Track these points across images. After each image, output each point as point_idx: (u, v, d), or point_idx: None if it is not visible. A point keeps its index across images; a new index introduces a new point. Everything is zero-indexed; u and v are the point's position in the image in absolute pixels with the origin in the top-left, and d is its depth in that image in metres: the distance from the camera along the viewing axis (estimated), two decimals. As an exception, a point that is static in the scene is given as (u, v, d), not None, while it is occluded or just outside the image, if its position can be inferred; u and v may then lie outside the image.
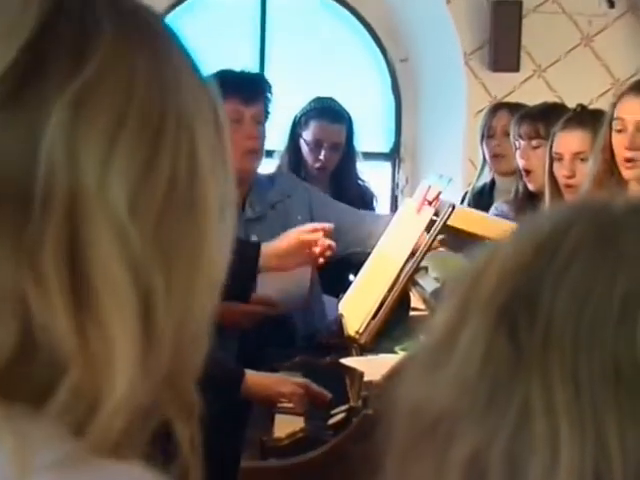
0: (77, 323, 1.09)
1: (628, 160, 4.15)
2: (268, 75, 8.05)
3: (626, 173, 4.16)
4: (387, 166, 8.37)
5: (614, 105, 4.28)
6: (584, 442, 0.96)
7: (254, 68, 8.06)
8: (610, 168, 4.21)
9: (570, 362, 0.99)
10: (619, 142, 4.17)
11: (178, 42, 1.20)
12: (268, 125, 5.03)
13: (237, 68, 5.14)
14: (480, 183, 6.31)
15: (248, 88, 4.92)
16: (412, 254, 4.46)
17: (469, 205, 6.06)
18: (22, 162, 1.08)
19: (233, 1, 8.23)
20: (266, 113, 4.99)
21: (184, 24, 7.72)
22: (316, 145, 5.93)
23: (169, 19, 7.83)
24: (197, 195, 1.17)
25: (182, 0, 8.04)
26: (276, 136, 6.29)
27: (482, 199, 6.06)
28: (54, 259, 1.07)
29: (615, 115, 4.21)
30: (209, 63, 1.20)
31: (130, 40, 1.15)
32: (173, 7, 7.92)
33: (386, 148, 8.41)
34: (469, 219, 4.76)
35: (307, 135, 5.94)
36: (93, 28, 1.13)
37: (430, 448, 1.03)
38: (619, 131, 4.17)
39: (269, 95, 5.03)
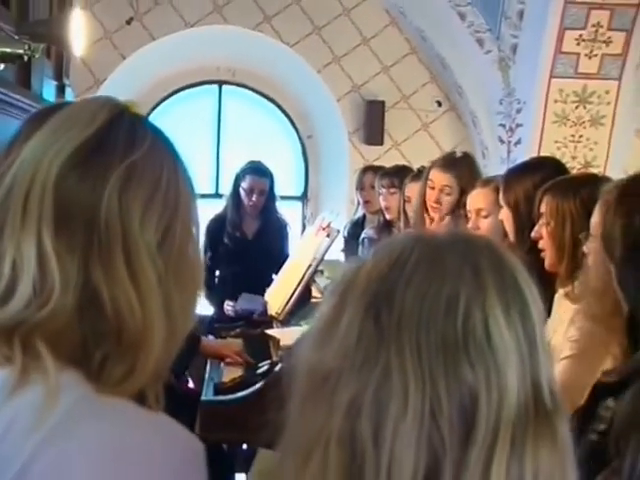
0: (140, 305, 1.10)
1: (433, 207, 4.13)
2: (223, 146, 8.08)
3: (432, 214, 4.14)
4: (299, 205, 8.28)
5: (429, 170, 4.24)
6: (424, 391, 0.98)
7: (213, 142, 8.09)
8: (423, 207, 4.20)
9: (415, 339, 0.99)
10: (429, 195, 4.14)
11: (182, 157, 1.22)
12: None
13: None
14: (356, 216, 6.31)
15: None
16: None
17: (349, 232, 6.08)
18: (87, 205, 1.10)
19: (198, 102, 8.17)
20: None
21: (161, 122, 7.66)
22: (250, 192, 5.90)
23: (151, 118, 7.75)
24: (191, 244, 1.20)
25: (154, 108, 7.92)
26: (225, 185, 6.38)
27: (357, 227, 6.05)
28: (123, 264, 1.09)
29: (429, 177, 4.17)
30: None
31: (161, 147, 1.19)
32: (148, 114, 7.73)
33: (298, 193, 8.31)
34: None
35: (244, 185, 5.91)
36: (141, 132, 1.17)
37: (322, 395, 1.02)
38: (431, 187, 4.14)
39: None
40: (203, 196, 7.65)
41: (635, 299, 1.90)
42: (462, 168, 4.20)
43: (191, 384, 4.63)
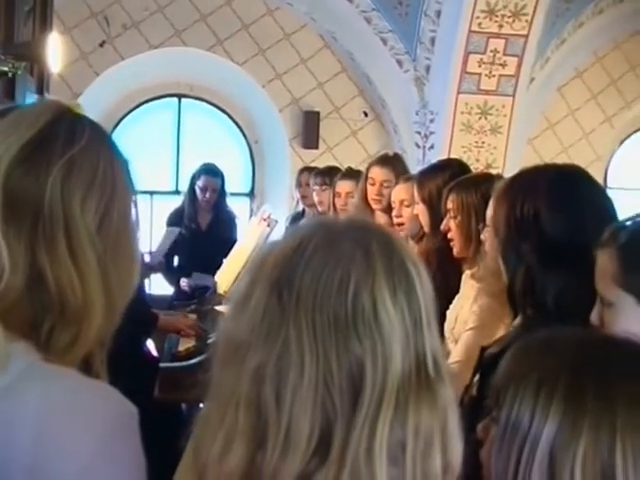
0: (80, 282, 1.08)
1: (375, 200, 4.08)
2: (182, 150, 8.00)
3: (375, 207, 4.09)
4: (247, 200, 8.21)
5: (367, 169, 4.21)
6: (318, 362, 0.96)
7: (174, 146, 8.02)
8: (364, 203, 4.14)
9: (311, 316, 0.97)
10: (371, 190, 4.10)
11: (119, 149, 1.19)
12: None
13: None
14: (297, 210, 6.31)
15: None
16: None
17: (290, 223, 6.02)
18: (32, 196, 1.07)
19: (161, 113, 8.07)
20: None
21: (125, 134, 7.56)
22: (204, 190, 5.90)
23: (117, 130, 7.65)
24: (128, 226, 1.17)
25: (123, 117, 7.80)
26: (184, 183, 6.35)
27: (297, 219, 6.02)
28: (65, 247, 1.08)
29: (369, 175, 4.14)
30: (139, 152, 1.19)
31: (98, 141, 1.16)
32: (118, 122, 7.71)
33: (246, 190, 8.24)
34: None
35: (199, 183, 5.90)
36: (79, 129, 1.14)
37: (234, 362, 1.00)
38: (371, 184, 4.10)
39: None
40: (164, 193, 7.65)
41: (513, 271, 1.94)
42: (397, 164, 4.21)
43: (155, 353, 4.62)
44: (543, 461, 1.10)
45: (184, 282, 5.59)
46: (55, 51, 4.31)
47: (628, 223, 1.67)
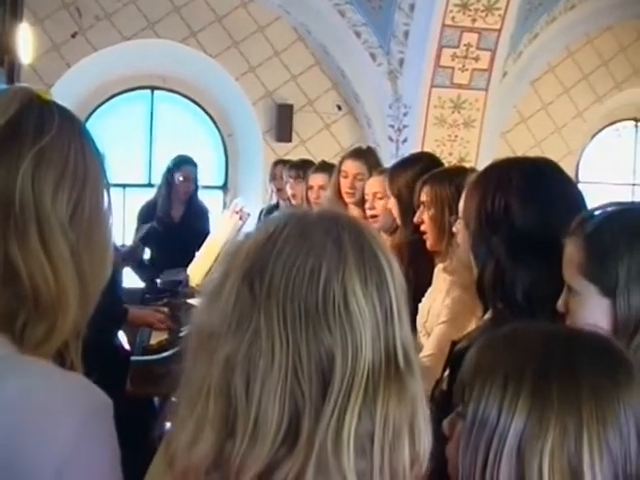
0: (53, 274, 1.07)
1: (348, 193, 4.05)
2: (155, 142, 7.97)
3: (348, 200, 4.06)
4: (220, 193, 8.19)
5: (340, 163, 4.19)
6: (288, 351, 0.95)
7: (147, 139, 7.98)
8: (338, 196, 4.10)
9: (282, 306, 0.97)
10: (344, 183, 4.07)
11: (90, 134, 1.18)
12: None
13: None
14: (272, 203, 6.29)
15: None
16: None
17: (265, 216, 6.01)
18: (4, 189, 1.06)
19: (134, 105, 8.02)
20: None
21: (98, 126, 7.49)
22: (186, 180, 5.92)
23: (89, 122, 7.57)
24: (101, 214, 1.16)
25: (95, 109, 7.76)
26: (157, 176, 6.33)
27: (271, 212, 5.97)
28: (37, 240, 1.06)
29: (342, 168, 4.11)
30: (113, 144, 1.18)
31: (69, 128, 1.14)
32: (90, 114, 7.64)
33: (220, 183, 8.22)
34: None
35: (182, 174, 5.96)
36: (49, 117, 1.12)
37: (206, 352, 1.00)
38: (344, 177, 4.07)
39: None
40: (137, 185, 7.61)
41: (483, 264, 1.94)
42: (370, 157, 4.19)
43: (127, 347, 4.60)
44: (511, 456, 1.11)
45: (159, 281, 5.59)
46: (26, 42, 4.28)
47: (596, 213, 1.67)
